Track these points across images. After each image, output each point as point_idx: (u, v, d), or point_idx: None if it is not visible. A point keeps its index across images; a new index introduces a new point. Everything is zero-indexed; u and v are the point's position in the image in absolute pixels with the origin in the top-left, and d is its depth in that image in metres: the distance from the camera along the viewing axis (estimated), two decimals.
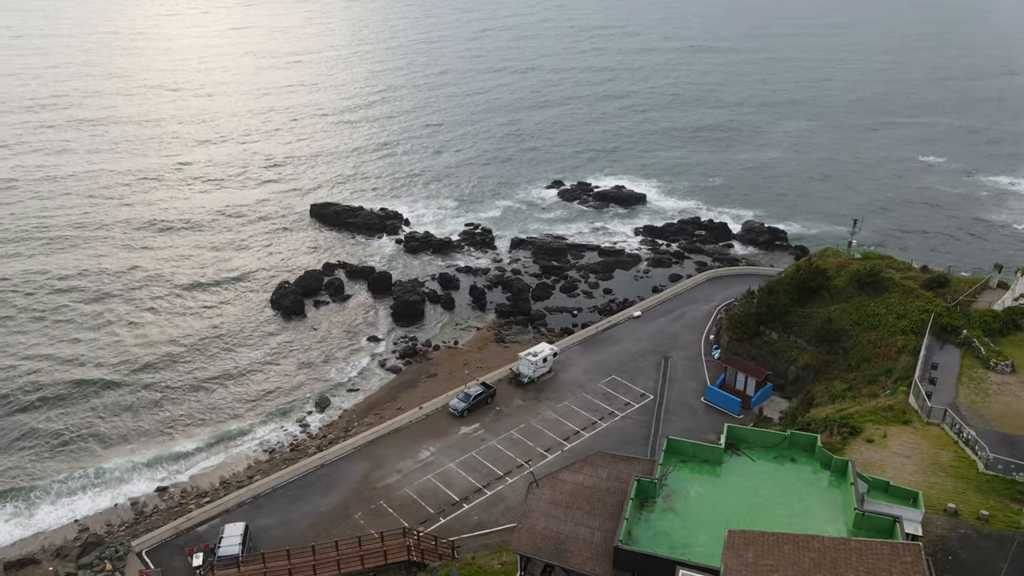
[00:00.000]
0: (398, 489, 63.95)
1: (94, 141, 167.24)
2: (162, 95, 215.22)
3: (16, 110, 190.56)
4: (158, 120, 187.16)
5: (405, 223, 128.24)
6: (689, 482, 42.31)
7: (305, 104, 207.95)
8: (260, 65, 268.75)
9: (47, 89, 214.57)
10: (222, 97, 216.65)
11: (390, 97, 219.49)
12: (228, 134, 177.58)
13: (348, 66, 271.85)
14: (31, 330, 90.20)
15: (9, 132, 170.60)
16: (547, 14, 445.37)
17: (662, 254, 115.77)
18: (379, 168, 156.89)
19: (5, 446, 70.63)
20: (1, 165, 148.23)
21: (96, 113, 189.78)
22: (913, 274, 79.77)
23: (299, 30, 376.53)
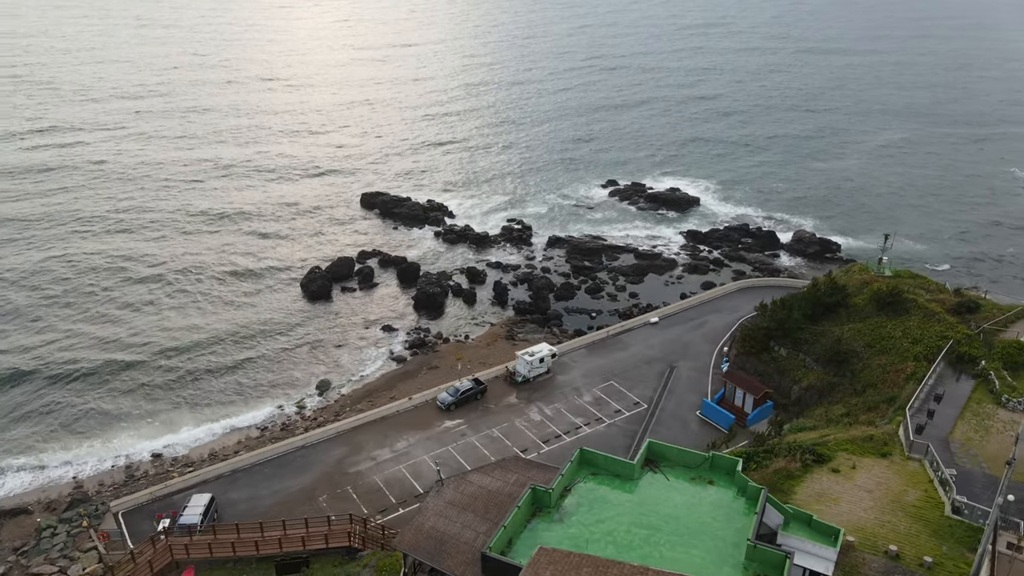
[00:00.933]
0: (367, 476, 65.00)
1: (182, 128, 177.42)
2: (255, 86, 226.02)
3: (123, 96, 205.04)
4: (246, 111, 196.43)
5: (449, 215, 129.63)
6: (594, 495, 41.02)
7: (386, 99, 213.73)
8: (355, 58, 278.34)
9: (156, 77, 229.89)
10: (309, 89, 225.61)
11: (473, 93, 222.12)
12: (307, 126, 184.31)
13: (439, 60, 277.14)
14: (76, 305, 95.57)
15: (111, 117, 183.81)
16: (652, 11, 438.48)
17: (700, 260, 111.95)
18: (442, 162, 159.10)
19: (30, 409, 75.99)
20: (97, 148, 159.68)
21: (194, 102, 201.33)
22: (943, 296, 73.77)
23: (401, 23, 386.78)
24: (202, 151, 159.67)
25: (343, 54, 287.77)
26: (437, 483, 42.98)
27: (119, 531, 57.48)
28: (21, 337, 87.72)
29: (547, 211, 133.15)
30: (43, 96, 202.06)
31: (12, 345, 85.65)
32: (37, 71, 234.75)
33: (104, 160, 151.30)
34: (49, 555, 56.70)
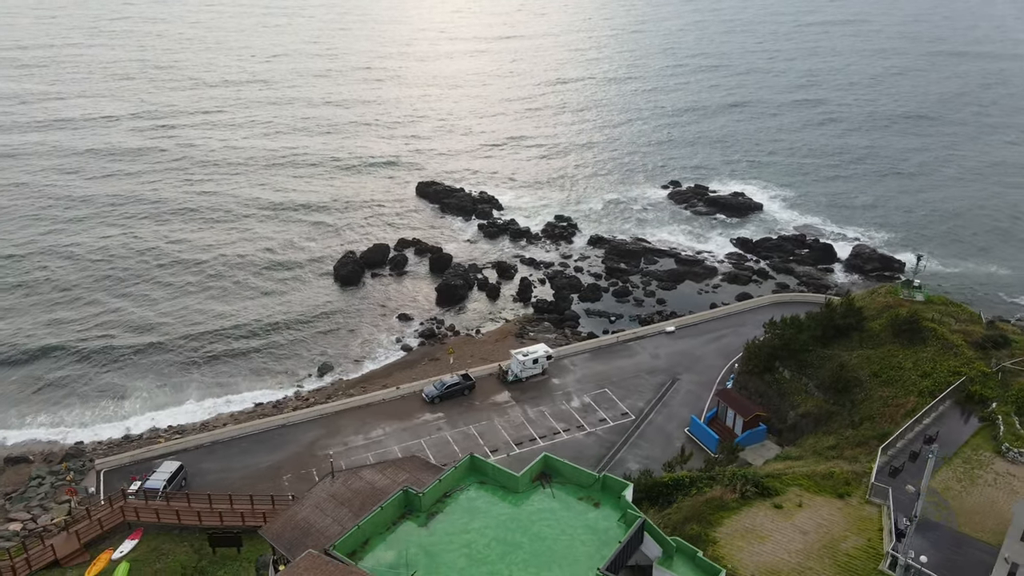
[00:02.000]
0: (338, 458, 65.80)
1: (271, 117, 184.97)
2: (350, 76, 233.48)
3: (228, 83, 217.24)
4: (336, 101, 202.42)
5: (498, 208, 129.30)
6: (471, 505, 39.75)
7: (475, 93, 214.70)
8: (456, 50, 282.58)
9: (261, 65, 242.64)
10: (397, 81, 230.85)
11: (564, 89, 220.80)
12: (388, 117, 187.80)
13: (539, 54, 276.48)
14: (119, 284, 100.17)
15: (212, 103, 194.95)
16: (778, 6, 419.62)
17: (743, 270, 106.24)
18: (511, 158, 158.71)
19: (56, 375, 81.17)
20: (189, 133, 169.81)
21: (290, 91, 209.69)
22: (972, 328, 66.52)
23: (512, 15, 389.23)
24: (284, 140, 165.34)
25: (444, 46, 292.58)
26: (328, 474, 42.94)
27: (94, 488, 61.14)
28: (63, 310, 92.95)
29: (600, 209, 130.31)
30: (160, 80, 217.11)
31: (53, 317, 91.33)
32: (161, 56, 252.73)
33: (192, 144, 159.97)
34: (30, 503, 61.09)
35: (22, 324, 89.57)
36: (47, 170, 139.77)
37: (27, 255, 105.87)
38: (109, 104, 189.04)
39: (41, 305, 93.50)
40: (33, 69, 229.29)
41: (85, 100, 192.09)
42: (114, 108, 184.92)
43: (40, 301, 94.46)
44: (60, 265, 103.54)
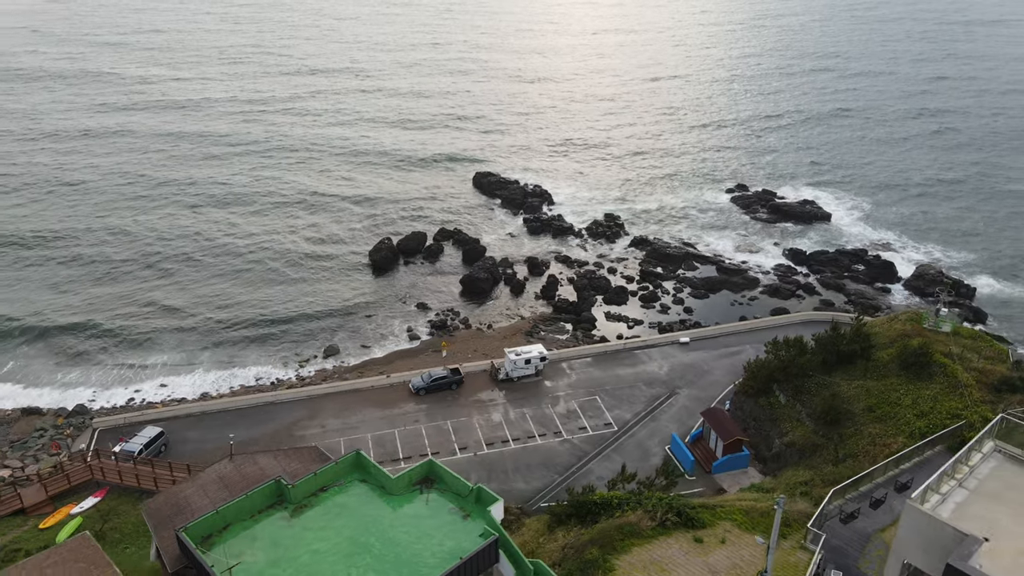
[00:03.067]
0: (308, 441, 66.80)
1: (358, 106, 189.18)
2: (445, 67, 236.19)
3: (329, 72, 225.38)
4: (424, 93, 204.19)
5: (549, 202, 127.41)
6: (341, 502, 39.27)
7: (562, 90, 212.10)
8: (557, 44, 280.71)
9: (364, 54, 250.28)
10: (487, 76, 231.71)
11: (657, 87, 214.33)
12: (473, 111, 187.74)
13: (642, 49, 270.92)
14: (159, 266, 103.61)
15: (308, 90, 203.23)
16: (925, 2, 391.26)
17: (788, 283, 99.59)
18: (581, 153, 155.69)
19: (94, 342, 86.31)
20: (276, 119, 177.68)
21: (387, 83, 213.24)
22: (995, 367, 59.30)
23: (626, 8, 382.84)
24: (360, 129, 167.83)
25: (547, 39, 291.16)
26: (227, 456, 43.59)
27: (84, 444, 65.21)
28: (107, 285, 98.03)
29: (655, 210, 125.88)
30: (266, 66, 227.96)
31: (97, 290, 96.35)
32: (274, 42, 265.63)
33: (276, 130, 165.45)
34: (26, 452, 65.86)
35: (68, 292, 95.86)
36: (136, 151, 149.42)
37: (89, 230, 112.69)
38: (215, 87, 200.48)
39: (88, 277, 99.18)
40: (161, 52, 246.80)
41: (197, 83, 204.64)
42: (218, 91, 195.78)
43: (88, 273, 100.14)
44: (116, 241, 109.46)
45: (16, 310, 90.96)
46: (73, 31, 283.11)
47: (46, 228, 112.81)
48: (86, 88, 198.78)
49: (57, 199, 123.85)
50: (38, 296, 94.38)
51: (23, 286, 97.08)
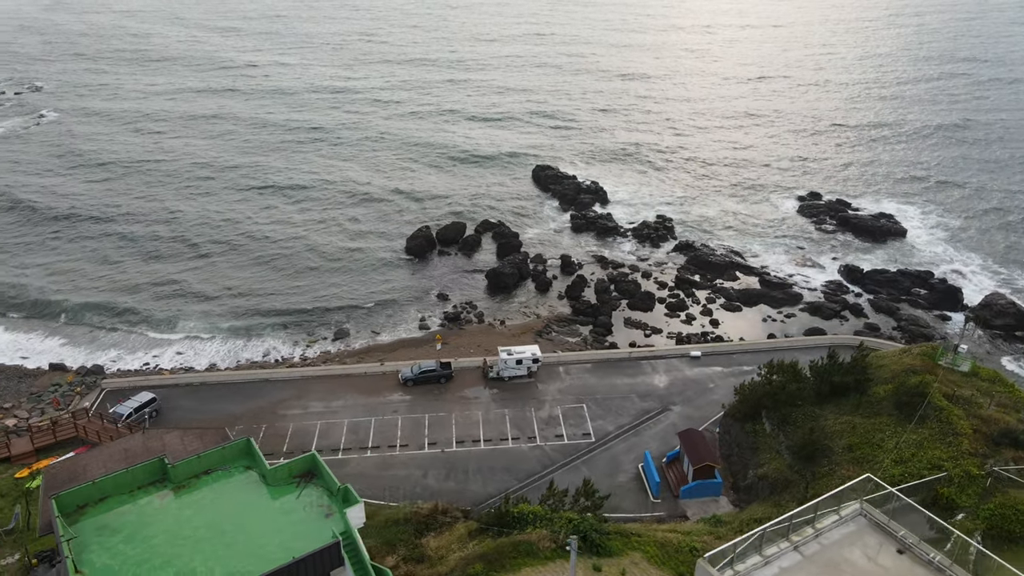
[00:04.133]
0: (288, 420, 68.36)
1: (444, 103, 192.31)
2: (545, 63, 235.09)
3: (427, 64, 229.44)
4: (510, 88, 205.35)
5: (602, 201, 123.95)
6: (223, 486, 39.51)
7: (653, 88, 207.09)
8: (665, 41, 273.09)
9: (465, 46, 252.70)
10: (582, 71, 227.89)
11: (761, 87, 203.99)
12: (549, 107, 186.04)
13: (754, 47, 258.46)
14: (214, 243, 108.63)
15: (399, 80, 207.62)
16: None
17: (833, 302, 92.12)
18: (652, 154, 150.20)
19: (140, 310, 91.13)
20: (357, 108, 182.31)
21: (478, 77, 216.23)
22: (1004, 417, 52.22)
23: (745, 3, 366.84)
24: (439, 124, 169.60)
25: (657, 36, 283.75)
26: (140, 426, 44.86)
27: (88, 403, 69.51)
28: (155, 262, 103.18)
29: (712, 215, 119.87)
30: (364, 54, 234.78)
31: (149, 266, 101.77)
32: (383, 31, 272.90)
33: (353, 119, 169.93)
34: (37, 405, 70.87)
35: (118, 265, 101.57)
36: (220, 135, 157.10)
37: (149, 208, 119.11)
38: (313, 73, 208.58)
39: (138, 253, 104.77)
40: (274, 38, 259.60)
41: (299, 69, 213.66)
42: (314, 78, 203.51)
43: (138, 249, 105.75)
44: (172, 220, 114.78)
45: (67, 278, 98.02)
46: (205, 15, 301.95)
47: (112, 204, 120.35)
48: (199, 71, 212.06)
49: (131, 177, 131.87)
50: (90, 267, 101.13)
51: (79, 256, 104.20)
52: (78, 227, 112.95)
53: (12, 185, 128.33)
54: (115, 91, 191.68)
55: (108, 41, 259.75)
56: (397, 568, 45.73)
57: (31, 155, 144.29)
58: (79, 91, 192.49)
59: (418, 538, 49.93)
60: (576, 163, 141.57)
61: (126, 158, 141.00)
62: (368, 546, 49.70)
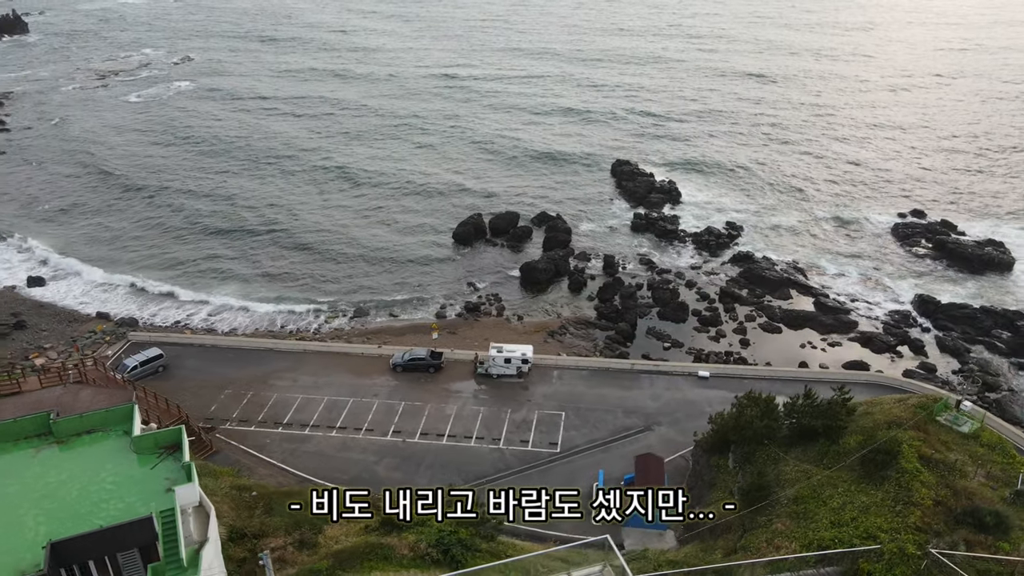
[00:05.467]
0: (273, 390, 70.25)
1: (552, 95, 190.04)
2: (687, 56, 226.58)
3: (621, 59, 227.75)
4: (646, 87, 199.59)
5: (673, 201, 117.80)
6: (91, 447, 41.04)
7: (786, 89, 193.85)
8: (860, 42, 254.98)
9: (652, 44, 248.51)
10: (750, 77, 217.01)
11: (921, 99, 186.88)
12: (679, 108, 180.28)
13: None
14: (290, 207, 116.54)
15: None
16: None
17: (891, 334, 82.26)
18: (747, 156, 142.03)
19: (194, 272, 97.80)
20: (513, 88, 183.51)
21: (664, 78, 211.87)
22: (989, 494, 44.36)
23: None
24: (525, 120, 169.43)
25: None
26: (78, 382, 47.69)
27: (111, 352, 75.39)
28: (222, 220, 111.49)
29: (789, 225, 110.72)
30: (483, 44, 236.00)
31: (203, 240, 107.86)
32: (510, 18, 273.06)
33: (443, 111, 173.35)
34: (69, 348, 77.60)
35: (183, 233, 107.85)
36: (316, 117, 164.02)
37: (222, 185, 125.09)
38: (429, 59, 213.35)
39: (203, 225, 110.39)
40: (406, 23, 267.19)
41: (420, 53, 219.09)
42: (422, 64, 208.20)
43: (205, 220, 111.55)
44: (240, 197, 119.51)
45: (136, 239, 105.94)
46: None
47: (193, 177, 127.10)
48: (326, 53, 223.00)
49: (222, 155, 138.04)
50: (157, 232, 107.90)
51: (150, 220, 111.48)
52: (158, 195, 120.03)
53: (115, 147, 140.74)
54: (248, 68, 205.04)
55: (261, 20, 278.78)
56: (284, 550, 46.11)
57: (152, 123, 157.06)
58: (217, 66, 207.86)
59: (325, 524, 49.88)
60: (660, 162, 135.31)
61: (223, 135, 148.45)
62: (273, 524, 50.65)
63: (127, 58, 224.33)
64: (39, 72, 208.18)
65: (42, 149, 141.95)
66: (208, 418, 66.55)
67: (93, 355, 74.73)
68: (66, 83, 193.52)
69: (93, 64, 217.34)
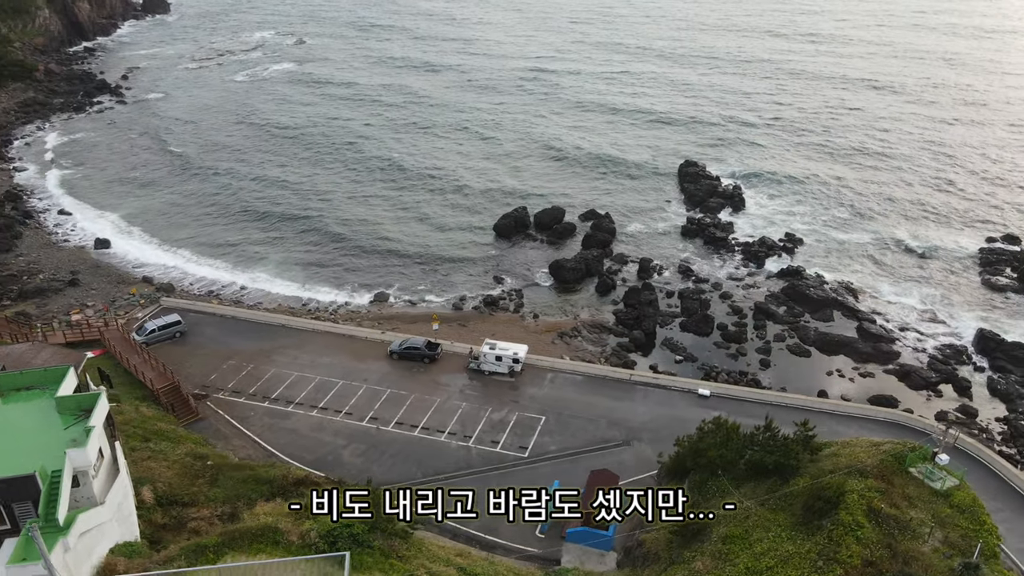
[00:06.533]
0: (273, 365, 72.23)
1: (649, 100, 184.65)
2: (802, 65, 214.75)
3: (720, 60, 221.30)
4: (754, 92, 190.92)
5: (736, 207, 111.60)
6: (22, 403, 43.51)
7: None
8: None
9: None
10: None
11: None
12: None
13: None
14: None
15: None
16: None
17: (938, 371, 74.29)
18: (837, 163, 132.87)
19: (243, 246, 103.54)
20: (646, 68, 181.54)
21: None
22: (936, 562, 39.10)
23: None
24: (614, 132, 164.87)
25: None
26: (34, 337, 50.82)
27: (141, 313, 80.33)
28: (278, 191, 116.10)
29: (856, 242, 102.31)
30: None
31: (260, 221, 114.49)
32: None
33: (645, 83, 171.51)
34: (106, 305, 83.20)
35: (245, 216, 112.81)
36: (380, 105, 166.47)
37: (286, 173, 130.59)
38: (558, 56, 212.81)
39: (256, 205, 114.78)
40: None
41: (537, 47, 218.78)
42: (531, 53, 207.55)
43: (258, 201, 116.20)
44: (299, 183, 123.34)
45: (195, 209, 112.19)
46: None
47: (259, 163, 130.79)
48: (425, 42, 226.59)
49: (288, 139, 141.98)
50: (214, 214, 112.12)
51: (213, 203, 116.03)
52: (225, 176, 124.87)
53: (200, 125, 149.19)
54: (348, 54, 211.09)
55: (377, 7, 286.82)
56: (208, 521, 47.34)
57: (241, 104, 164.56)
58: (323, 51, 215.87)
59: (261, 499, 50.77)
60: (732, 167, 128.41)
61: (300, 121, 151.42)
62: (211, 495, 51.98)
63: (247, 38, 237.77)
64: (166, 50, 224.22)
65: (140, 122, 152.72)
66: (205, 386, 69.40)
67: (118, 316, 79.65)
68: (186, 61, 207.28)
69: (216, 43, 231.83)
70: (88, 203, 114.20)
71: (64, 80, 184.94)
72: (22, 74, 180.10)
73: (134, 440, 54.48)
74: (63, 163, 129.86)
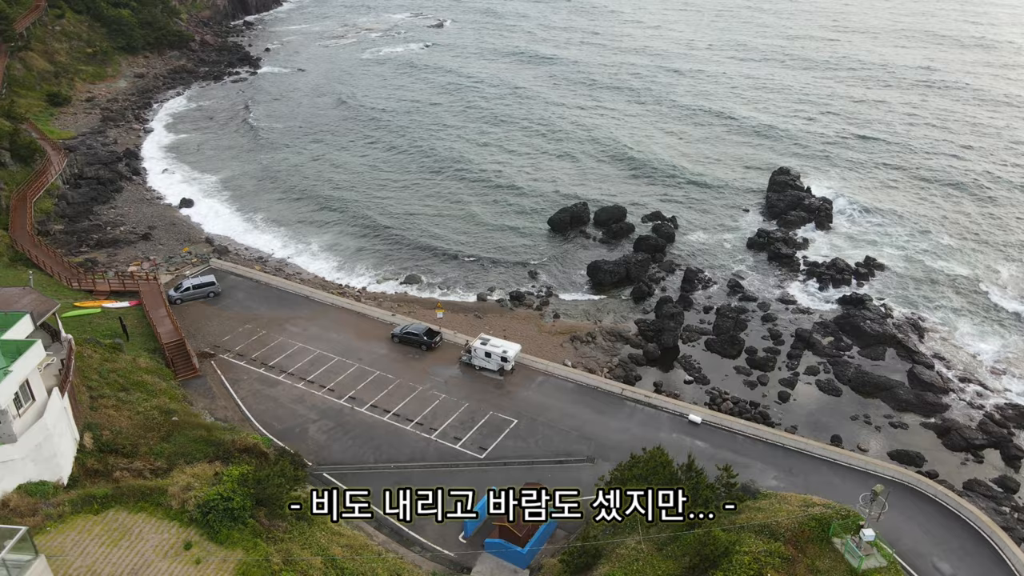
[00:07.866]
0: (282, 334, 74.84)
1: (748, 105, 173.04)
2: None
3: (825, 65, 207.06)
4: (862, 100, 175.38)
5: (821, 223, 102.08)
6: None
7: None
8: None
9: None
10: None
11: None
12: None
13: None
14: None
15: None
16: None
17: (987, 431, 64.18)
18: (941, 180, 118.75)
19: (315, 220, 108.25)
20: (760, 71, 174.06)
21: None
22: None
23: None
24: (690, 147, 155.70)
25: None
26: (28, 287, 55.48)
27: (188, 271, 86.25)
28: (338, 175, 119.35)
29: (949, 275, 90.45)
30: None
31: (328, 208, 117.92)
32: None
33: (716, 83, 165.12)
34: (154, 260, 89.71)
35: (310, 189, 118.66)
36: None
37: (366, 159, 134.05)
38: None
39: (329, 188, 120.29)
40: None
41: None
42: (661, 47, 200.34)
43: (333, 184, 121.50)
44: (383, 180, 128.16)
45: (267, 192, 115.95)
46: None
47: (345, 147, 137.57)
48: (560, 34, 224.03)
49: (376, 126, 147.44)
50: (286, 189, 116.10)
51: (288, 178, 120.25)
52: (312, 151, 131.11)
53: (305, 103, 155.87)
54: (475, 42, 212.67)
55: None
56: (138, 474, 49.82)
57: (350, 84, 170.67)
58: (453, 37, 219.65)
59: (203, 461, 52.58)
60: (832, 180, 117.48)
61: (392, 107, 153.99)
62: (155, 449, 54.32)
63: (387, 18, 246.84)
64: (314, 26, 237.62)
65: (264, 92, 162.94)
66: (216, 345, 73.17)
67: (169, 271, 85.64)
68: (326, 39, 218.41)
69: (359, 21, 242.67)
70: (189, 165, 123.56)
71: (216, 51, 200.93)
72: (180, 43, 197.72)
73: (110, 388, 58.24)
74: (182, 127, 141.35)
